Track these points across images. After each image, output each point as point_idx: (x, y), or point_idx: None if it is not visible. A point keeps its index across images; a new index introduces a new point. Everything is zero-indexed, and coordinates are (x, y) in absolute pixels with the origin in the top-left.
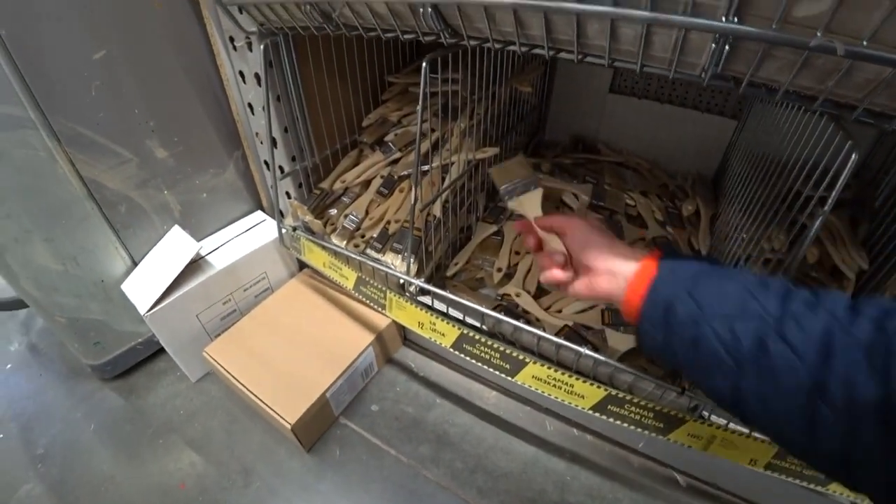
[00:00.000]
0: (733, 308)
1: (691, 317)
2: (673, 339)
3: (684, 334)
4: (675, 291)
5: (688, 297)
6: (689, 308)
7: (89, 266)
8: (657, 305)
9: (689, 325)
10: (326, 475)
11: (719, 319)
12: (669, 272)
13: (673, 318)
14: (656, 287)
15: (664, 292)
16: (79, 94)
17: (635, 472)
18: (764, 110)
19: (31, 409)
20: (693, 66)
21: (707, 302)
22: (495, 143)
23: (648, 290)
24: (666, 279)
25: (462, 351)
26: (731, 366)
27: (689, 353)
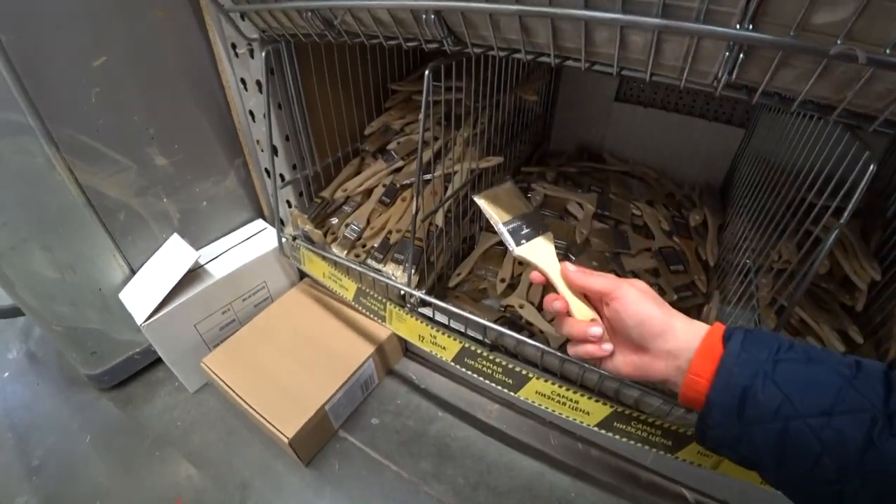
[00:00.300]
0: (829, 398)
1: (776, 408)
2: (752, 433)
3: (768, 428)
4: (753, 374)
5: (770, 384)
6: (772, 397)
7: (87, 274)
8: (731, 391)
9: (773, 417)
10: (325, 490)
11: (814, 412)
12: (740, 349)
13: (752, 408)
14: (727, 368)
15: (739, 375)
16: (78, 101)
17: (643, 489)
18: (773, 119)
19: (27, 419)
20: (705, 75)
21: (794, 390)
22: (499, 152)
23: (717, 372)
24: (738, 358)
25: (463, 365)
26: (832, 469)
27: (774, 452)
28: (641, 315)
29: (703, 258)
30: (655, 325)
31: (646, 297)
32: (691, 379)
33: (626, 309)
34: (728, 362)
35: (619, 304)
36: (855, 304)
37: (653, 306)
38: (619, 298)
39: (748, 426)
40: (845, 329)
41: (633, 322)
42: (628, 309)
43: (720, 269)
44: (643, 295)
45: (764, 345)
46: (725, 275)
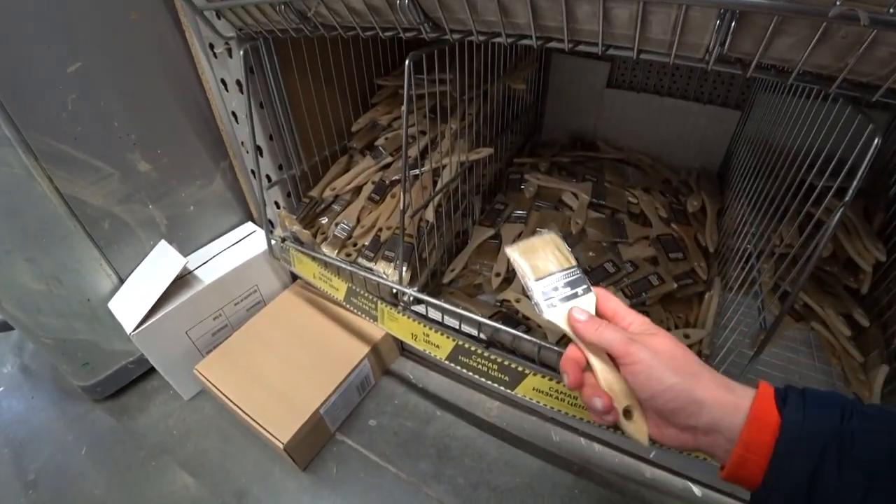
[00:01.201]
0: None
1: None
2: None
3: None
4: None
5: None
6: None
7: (74, 285)
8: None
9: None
10: (323, 494)
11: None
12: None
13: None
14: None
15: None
16: (54, 109)
17: (648, 483)
18: (769, 99)
19: (22, 433)
20: (696, 48)
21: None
22: (489, 143)
23: (775, 452)
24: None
25: (458, 363)
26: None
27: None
28: (653, 388)
29: (703, 245)
30: (670, 399)
31: (662, 361)
32: (741, 456)
33: (638, 378)
34: (790, 435)
35: (631, 371)
36: (860, 287)
37: (668, 374)
38: (628, 366)
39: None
40: (851, 312)
41: (647, 395)
42: (640, 378)
43: (720, 256)
44: (658, 359)
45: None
46: (726, 261)
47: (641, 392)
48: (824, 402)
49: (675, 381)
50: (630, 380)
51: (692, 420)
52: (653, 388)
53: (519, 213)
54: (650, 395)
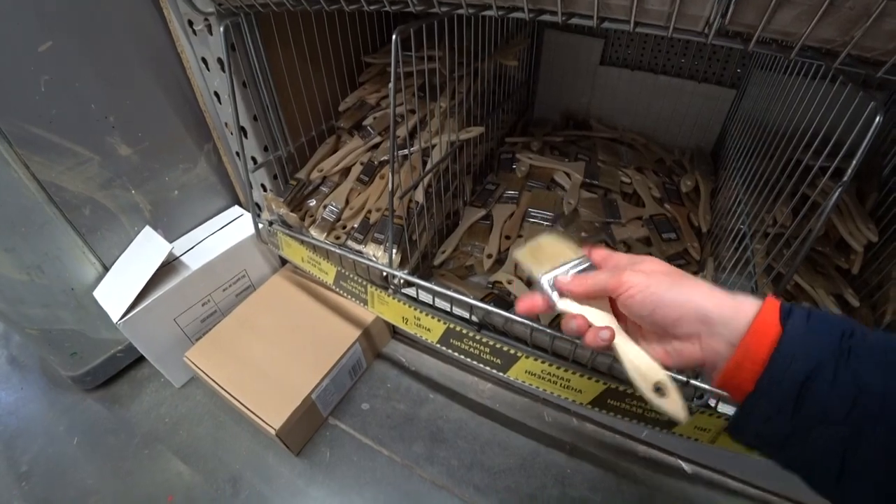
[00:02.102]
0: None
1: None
2: (810, 435)
3: (833, 432)
4: (819, 363)
5: (842, 373)
6: (845, 393)
7: (56, 274)
8: (788, 380)
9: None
10: (317, 479)
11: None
12: (806, 331)
13: (815, 403)
14: (787, 353)
15: (801, 362)
16: (26, 91)
17: (640, 463)
18: (765, 77)
19: (13, 425)
20: (695, 21)
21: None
22: (480, 122)
23: (773, 357)
24: (801, 342)
25: (449, 346)
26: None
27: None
28: (652, 304)
29: (696, 225)
30: (670, 309)
31: (656, 279)
32: (738, 363)
33: (634, 300)
34: (788, 346)
35: (625, 298)
36: (851, 267)
37: (664, 288)
38: (624, 294)
39: (805, 425)
40: (841, 293)
41: (646, 312)
42: (637, 299)
43: (713, 236)
44: (652, 278)
45: (833, 329)
46: (719, 241)
47: (641, 310)
48: (828, 321)
49: (673, 292)
50: (629, 304)
51: (694, 327)
52: (652, 303)
53: (510, 194)
54: (650, 311)
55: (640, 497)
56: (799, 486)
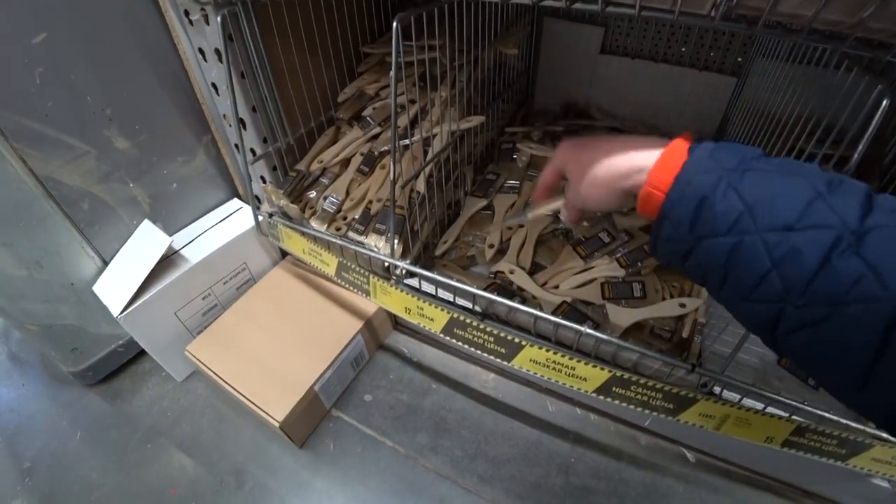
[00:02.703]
0: (794, 212)
1: (733, 219)
2: (702, 244)
3: (719, 243)
4: (714, 182)
5: (732, 192)
6: (731, 206)
7: (55, 269)
8: (687, 199)
9: (727, 229)
10: (321, 470)
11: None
12: (708, 156)
13: (707, 217)
14: (688, 174)
15: (698, 182)
16: (21, 84)
17: (643, 450)
18: (767, 65)
19: (15, 422)
20: (702, 4)
21: (757, 201)
22: (481, 112)
23: (676, 179)
24: (702, 165)
25: (453, 336)
26: (779, 287)
27: (720, 268)
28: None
29: None
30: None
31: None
32: (647, 192)
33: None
34: (688, 171)
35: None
36: None
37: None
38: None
39: (698, 241)
40: None
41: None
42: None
43: None
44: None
45: (735, 153)
46: None
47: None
48: (733, 150)
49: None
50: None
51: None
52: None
53: (511, 184)
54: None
55: (644, 485)
56: (800, 472)
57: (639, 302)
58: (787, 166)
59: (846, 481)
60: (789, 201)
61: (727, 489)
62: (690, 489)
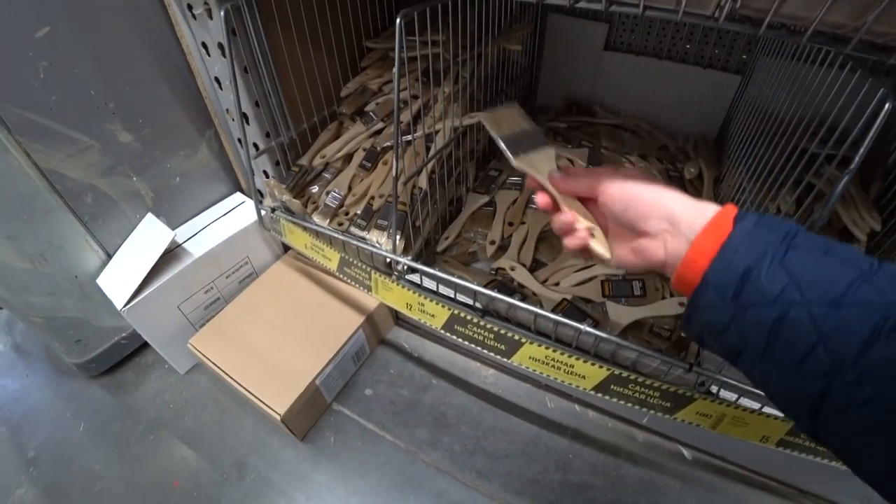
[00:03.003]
0: (839, 289)
1: (779, 291)
2: (745, 317)
3: (763, 313)
4: (760, 255)
5: (778, 267)
6: (777, 279)
7: (59, 262)
8: (732, 270)
9: (773, 301)
10: (322, 463)
11: (820, 301)
12: (753, 228)
13: (752, 287)
14: (733, 245)
15: (744, 254)
16: (25, 77)
17: (640, 448)
18: (771, 64)
19: (19, 412)
20: (706, 4)
21: (803, 276)
22: (484, 108)
23: (721, 249)
24: (747, 237)
25: (454, 332)
26: (826, 363)
27: (763, 340)
28: (626, 198)
29: None
30: (643, 205)
31: (630, 179)
32: (691, 258)
33: (611, 197)
34: (735, 240)
35: (603, 197)
36: None
37: (640, 186)
38: (603, 191)
39: (742, 310)
40: None
41: (620, 208)
42: (613, 194)
43: None
44: (626, 178)
45: (779, 229)
46: None
47: (616, 205)
48: (776, 223)
49: (647, 190)
50: (607, 202)
51: (662, 224)
52: (626, 199)
53: (513, 180)
54: (625, 206)
55: (641, 481)
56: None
57: (638, 300)
58: (830, 246)
59: (841, 481)
60: (834, 279)
61: (724, 487)
62: (687, 487)
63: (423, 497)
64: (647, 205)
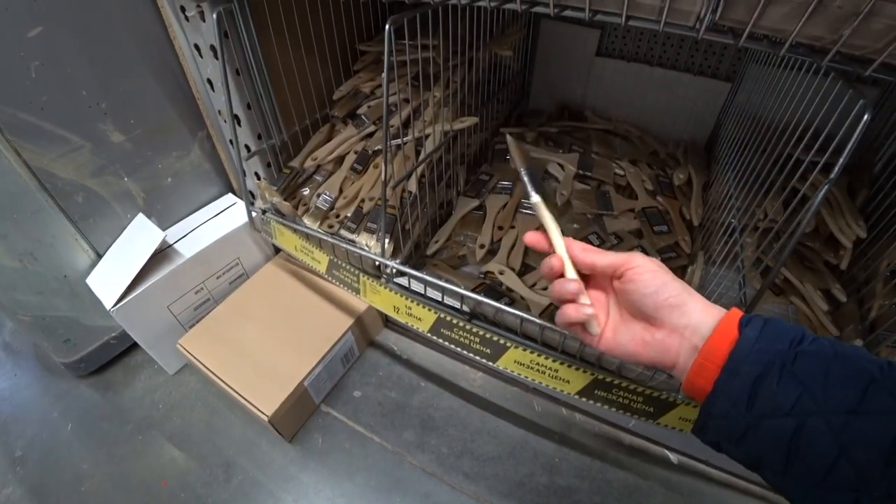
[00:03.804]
0: (855, 396)
1: (794, 400)
2: (760, 428)
3: (780, 424)
4: (769, 363)
5: (788, 375)
6: (789, 389)
7: (48, 261)
8: (742, 378)
9: (789, 410)
10: (309, 465)
11: (837, 410)
12: (758, 334)
13: (766, 395)
14: (741, 353)
15: (754, 362)
16: (16, 77)
17: (626, 452)
18: (760, 71)
19: (7, 411)
20: (686, 16)
21: (816, 384)
22: (475, 112)
23: (729, 357)
24: (754, 344)
25: (440, 336)
26: (850, 477)
27: (783, 452)
28: (658, 283)
29: (688, 218)
30: (673, 295)
31: (663, 269)
32: (700, 363)
33: (642, 277)
34: (743, 347)
35: (634, 273)
36: (839, 263)
37: (671, 278)
38: (635, 267)
39: (757, 420)
40: (829, 288)
41: (650, 290)
42: (644, 276)
43: (705, 229)
44: (660, 267)
45: (785, 334)
46: (710, 234)
47: (645, 287)
48: (780, 329)
49: (677, 283)
50: (636, 279)
51: (684, 319)
52: (656, 284)
53: (504, 184)
54: (654, 290)
55: (626, 485)
56: None
57: None
58: (837, 348)
59: None
60: (847, 385)
61: (708, 492)
62: (671, 491)
63: (409, 499)
64: (677, 298)
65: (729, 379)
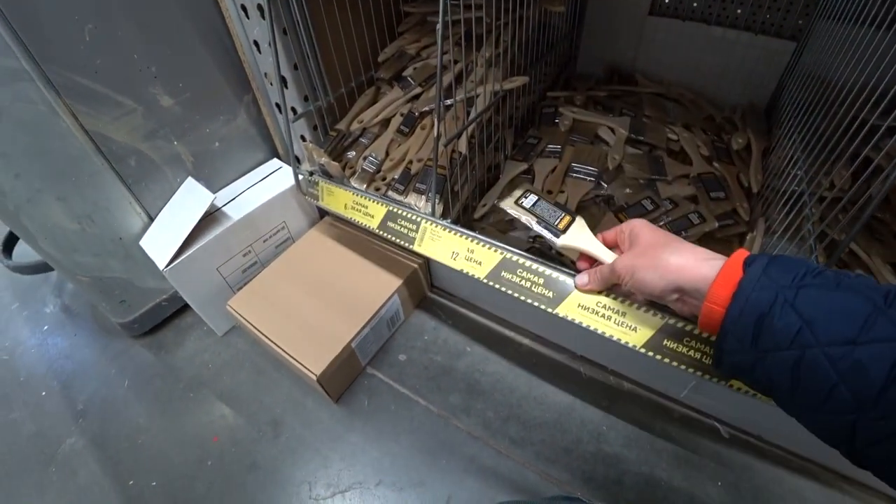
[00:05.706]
0: (854, 327)
1: (793, 335)
2: (766, 361)
3: (782, 356)
4: (771, 300)
5: (789, 309)
6: (790, 322)
7: (105, 223)
8: (746, 316)
9: (789, 345)
10: (355, 425)
11: (836, 341)
12: (761, 273)
13: (768, 332)
14: (744, 294)
15: (756, 299)
16: (72, 40)
17: (675, 423)
18: (831, 28)
19: (69, 368)
20: None
21: (816, 317)
22: (524, 72)
23: (733, 298)
24: (756, 283)
25: (498, 281)
26: (849, 400)
27: (787, 381)
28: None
29: (746, 185)
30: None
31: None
32: (708, 308)
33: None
34: (745, 288)
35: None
36: None
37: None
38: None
39: (763, 354)
40: None
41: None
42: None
43: (764, 198)
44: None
45: (789, 269)
46: (769, 203)
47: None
48: (785, 265)
49: (650, 274)
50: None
51: (674, 295)
52: (637, 287)
53: (553, 148)
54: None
55: (675, 456)
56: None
57: None
58: (842, 280)
59: None
60: (848, 316)
61: (760, 468)
62: (722, 465)
63: (455, 461)
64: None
65: (733, 320)
